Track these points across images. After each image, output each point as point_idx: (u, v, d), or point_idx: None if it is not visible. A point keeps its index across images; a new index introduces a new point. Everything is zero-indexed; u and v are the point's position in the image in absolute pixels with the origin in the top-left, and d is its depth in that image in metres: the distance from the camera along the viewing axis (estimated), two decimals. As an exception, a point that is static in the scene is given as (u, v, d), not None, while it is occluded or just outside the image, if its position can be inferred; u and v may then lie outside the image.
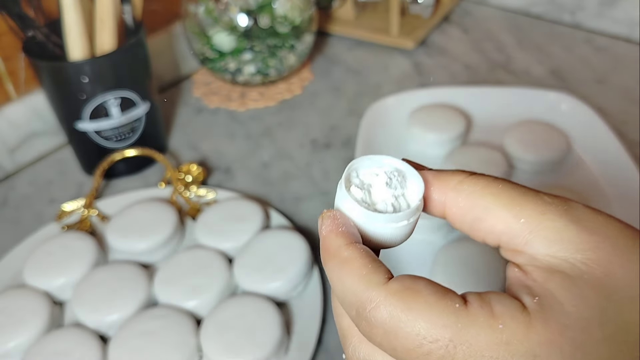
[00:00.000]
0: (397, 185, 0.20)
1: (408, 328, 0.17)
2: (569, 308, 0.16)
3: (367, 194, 0.20)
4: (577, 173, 0.52)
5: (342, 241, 0.18)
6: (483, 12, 0.82)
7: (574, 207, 0.18)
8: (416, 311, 0.17)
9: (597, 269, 0.17)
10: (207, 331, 0.38)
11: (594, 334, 0.16)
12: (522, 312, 0.16)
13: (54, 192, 0.56)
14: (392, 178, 0.20)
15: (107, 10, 0.48)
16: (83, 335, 0.39)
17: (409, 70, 0.70)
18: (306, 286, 0.43)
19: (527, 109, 0.58)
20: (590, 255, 0.17)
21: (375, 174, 0.20)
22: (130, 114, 0.53)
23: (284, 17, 0.63)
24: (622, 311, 0.16)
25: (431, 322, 0.16)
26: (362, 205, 0.19)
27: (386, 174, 0.20)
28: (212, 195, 0.52)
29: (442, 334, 0.16)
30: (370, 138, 0.55)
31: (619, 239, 0.17)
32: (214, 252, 0.44)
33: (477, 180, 0.19)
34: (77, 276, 0.43)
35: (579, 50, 0.71)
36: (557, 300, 0.16)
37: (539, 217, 0.18)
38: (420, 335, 0.16)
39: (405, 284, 0.17)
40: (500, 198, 0.18)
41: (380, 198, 0.20)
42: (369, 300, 0.17)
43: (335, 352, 0.40)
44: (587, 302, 0.16)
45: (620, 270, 0.17)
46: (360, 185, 0.20)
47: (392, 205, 0.20)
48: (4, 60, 0.54)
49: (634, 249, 0.17)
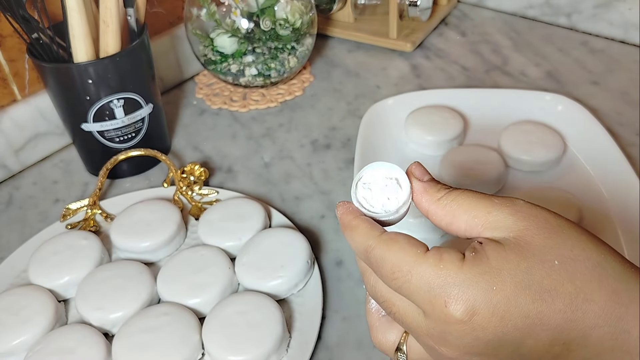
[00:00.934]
0: (391, 189, 0.27)
1: (387, 263, 0.25)
2: (492, 262, 0.24)
3: (369, 191, 0.28)
4: (573, 173, 0.53)
5: (351, 216, 0.28)
6: (480, 14, 0.82)
7: (515, 203, 0.25)
8: (393, 252, 0.25)
9: (521, 241, 0.24)
10: (209, 328, 0.39)
11: (505, 279, 0.23)
12: (459, 260, 0.24)
13: (58, 191, 0.56)
14: (387, 184, 0.27)
15: (111, 13, 0.49)
16: (87, 332, 0.39)
17: (407, 73, 0.71)
18: (307, 284, 0.44)
19: (523, 111, 0.59)
20: (519, 234, 0.24)
21: (379, 177, 0.28)
22: (134, 115, 0.53)
23: (285, 20, 0.64)
24: (533, 268, 0.23)
25: (399, 259, 0.25)
26: (360, 202, 0.28)
27: (385, 179, 0.27)
28: (214, 194, 0.52)
29: (405, 267, 0.25)
30: (370, 139, 0.56)
31: (544, 222, 0.25)
32: (216, 250, 0.45)
33: (450, 194, 0.26)
34: (81, 274, 0.44)
35: (574, 52, 0.72)
36: (486, 255, 0.24)
37: (486, 215, 0.25)
38: (394, 268, 0.25)
39: (390, 236, 0.26)
40: (463, 206, 0.26)
41: (376, 196, 0.28)
42: (369, 246, 0.26)
43: (335, 349, 0.40)
44: (506, 259, 0.24)
45: (539, 242, 0.24)
46: (365, 184, 0.28)
47: (381, 204, 0.28)
48: (9, 62, 0.55)
49: (554, 228, 0.25)
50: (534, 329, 0.23)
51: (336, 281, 0.45)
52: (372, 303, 0.31)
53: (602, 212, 0.48)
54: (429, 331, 0.25)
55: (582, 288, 0.23)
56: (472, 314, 0.23)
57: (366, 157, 0.53)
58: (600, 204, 0.49)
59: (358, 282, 0.45)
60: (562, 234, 0.24)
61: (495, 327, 0.23)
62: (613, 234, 0.46)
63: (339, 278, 0.45)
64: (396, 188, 0.27)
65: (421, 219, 0.46)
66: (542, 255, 0.24)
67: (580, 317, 0.23)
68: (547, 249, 0.24)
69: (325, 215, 0.51)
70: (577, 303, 0.23)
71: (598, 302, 0.23)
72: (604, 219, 0.48)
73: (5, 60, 0.55)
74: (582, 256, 0.24)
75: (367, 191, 0.27)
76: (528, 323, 0.23)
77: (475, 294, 0.23)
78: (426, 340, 0.26)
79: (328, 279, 0.45)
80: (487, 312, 0.23)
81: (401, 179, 0.27)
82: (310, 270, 0.44)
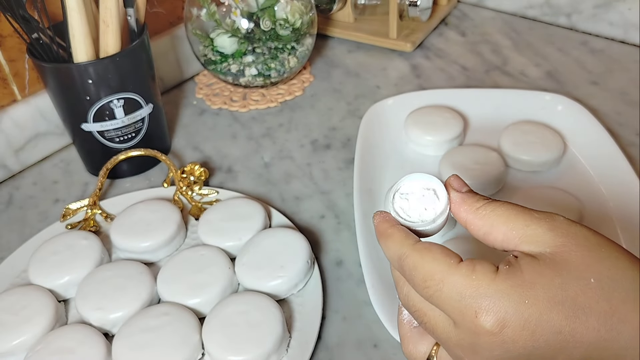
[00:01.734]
0: (428, 200, 0.28)
1: (420, 271, 0.26)
2: (526, 275, 0.24)
3: (406, 201, 0.28)
4: (572, 173, 0.53)
5: (387, 225, 0.28)
6: (480, 14, 0.82)
7: (554, 219, 0.25)
8: (426, 261, 0.25)
9: (557, 257, 0.24)
10: (209, 328, 0.39)
11: (538, 293, 0.23)
12: (492, 271, 0.24)
13: (58, 191, 0.57)
14: (425, 195, 0.28)
15: (111, 13, 0.49)
16: (87, 332, 0.39)
17: (407, 73, 0.71)
18: (307, 284, 0.44)
19: (523, 111, 0.59)
20: (556, 250, 0.24)
21: (416, 188, 0.28)
22: (134, 115, 0.53)
23: (285, 20, 0.64)
24: (568, 284, 0.23)
25: (431, 268, 0.25)
26: (397, 212, 0.28)
27: (423, 190, 0.28)
28: (214, 194, 0.52)
29: (437, 276, 0.25)
30: (370, 139, 0.56)
31: (583, 240, 0.24)
32: (216, 250, 0.45)
33: (489, 205, 0.27)
34: (81, 274, 0.44)
35: (574, 52, 0.72)
36: (520, 269, 0.24)
37: (524, 228, 0.25)
38: (427, 276, 0.25)
39: (424, 245, 0.26)
40: (501, 217, 0.26)
41: (413, 207, 0.28)
42: (403, 254, 0.26)
43: (335, 349, 0.40)
44: (541, 274, 0.24)
45: (576, 260, 0.24)
46: (402, 194, 0.28)
47: (418, 214, 0.28)
48: (9, 62, 0.55)
49: (594, 246, 0.24)
50: (566, 345, 0.23)
51: (336, 281, 0.45)
52: (404, 314, 0.31)
53: (602, 212, 0.48)
54: (459, 342, 0.25)
55: (617, 308, 0.23)
56: (503, 326, 0.23)
57: (366, 157, 0.54)
58: (600, 204, 0.49)
59: (358, 282, 0.45)
60: (600, 252, 0.24)
61: (526, 340, 0.23)
62: (613, 234, 0.46)
63: (339, 278, 0.45)
64: (433, 199, 0.28)
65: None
66: (579, 272, 0.23)
67: (614, 337, 0.23)
68: (584, 266, 0.24)
69: (325, 215, 0.51)
70: (612, 323, 0.23)
71: (633, 324, 0.23)
72: (604, 219, 0.48)
73: (5, 60, 0.55)
74: (620, 275, 0.23)
75: (404, 201, 0.28)
76: (560, 339, 0.23)
77: (507, 306, 0.23)
78: (456, 351, 0.26)
79: (328, 279, 0.45)
80: (518, 325, 0.23)
81: (439, 189, 0.28)
82: (310, 270, 0.44)
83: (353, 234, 0.47)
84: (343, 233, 0.49)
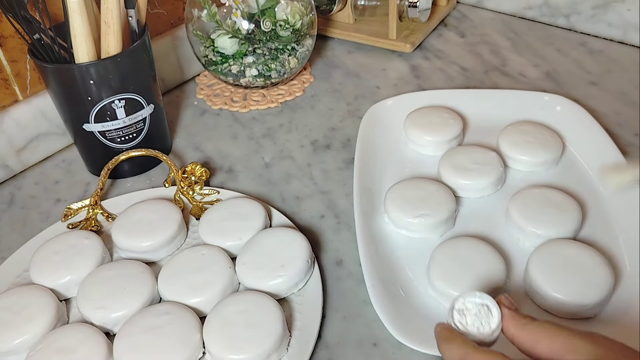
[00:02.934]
0: (483, 315, 0.31)
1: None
2: None
3: (463, 316, 0.32)
4: (571, 173, 0.53)
5: (449, 331, 0.31)
6: (479, 15, 0.83)
7: (595, 336, 0.28)
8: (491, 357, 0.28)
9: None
10: (210, 327, 0.39)
11: None
12: None
13: (60, 191, 0.57)
14: (480, 311, 0.32)
15: (112, 14, 0.49)
16: (88, 331, 0.40)
17: (406, 73, 0.71)
18: (307, 283, 0.44)
19: (522, 111, 0.59)
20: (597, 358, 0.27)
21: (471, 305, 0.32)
22: (135, 115, 0.54)
23: (285, 21, 0.65)
24: None
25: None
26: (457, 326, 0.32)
27: (477, 306, 0.32)
28: (215, 194, 0.53)
29: None
30: (369, 139, 0.56)
31: (621, 349, 0.28)
32: (216, 250, 0.45)
33: (534, 322, 0.30)
34: (82, 274, 0.44)
35: (573, 53, 0.72)
36: None
37: (567, 340, 0.29)
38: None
39: (487, 350, 0.29)
40: (544, 332, 0.29)
41: (470, 322, 0.32)
42: (466, 352, 0.29)
43: (335, 348, 0.41)
44: None
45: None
46: (459, 310, 0.32)
47: (476, 328, 0.31)
48: (10, 63, 0.55)
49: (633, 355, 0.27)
50: None
51: (336, 280, 0.45)
52: None
53: (600, 212, 0.49)
54: None
55: None
56: None
57: (366, 157, 0.54)
58: (599, 204, 0.49)
59: (358, 282, 0.45)
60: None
61: None
62: (612, 235, 0.47)
63: (339, 277, 0.46)
64: (487, 314, 0.31)
65: (421, 219, 0.46)
66: None
67: None
68: None
69: (325, 215, 0.52)
70: None
71: None
72: (603, 219, 0.48)
73: (7, 60, 0.55)
74: None
75: (462, 317, 0.32)
76: None
77: None
78: None
79: (328, 278, 0.46)
80: None
81: (491, 306, 0.32)
82: (310, 270, 0.44)
83: (353, 234, 0.48)
84: (343, 233, 0.50)
